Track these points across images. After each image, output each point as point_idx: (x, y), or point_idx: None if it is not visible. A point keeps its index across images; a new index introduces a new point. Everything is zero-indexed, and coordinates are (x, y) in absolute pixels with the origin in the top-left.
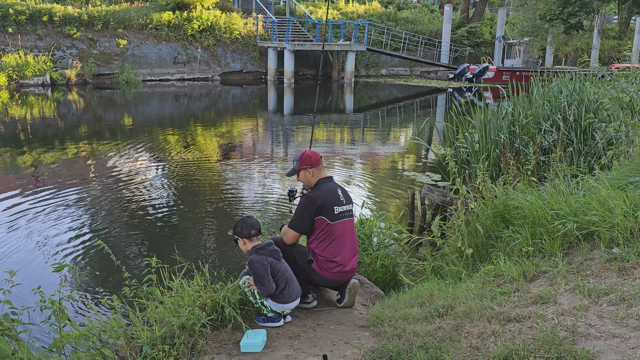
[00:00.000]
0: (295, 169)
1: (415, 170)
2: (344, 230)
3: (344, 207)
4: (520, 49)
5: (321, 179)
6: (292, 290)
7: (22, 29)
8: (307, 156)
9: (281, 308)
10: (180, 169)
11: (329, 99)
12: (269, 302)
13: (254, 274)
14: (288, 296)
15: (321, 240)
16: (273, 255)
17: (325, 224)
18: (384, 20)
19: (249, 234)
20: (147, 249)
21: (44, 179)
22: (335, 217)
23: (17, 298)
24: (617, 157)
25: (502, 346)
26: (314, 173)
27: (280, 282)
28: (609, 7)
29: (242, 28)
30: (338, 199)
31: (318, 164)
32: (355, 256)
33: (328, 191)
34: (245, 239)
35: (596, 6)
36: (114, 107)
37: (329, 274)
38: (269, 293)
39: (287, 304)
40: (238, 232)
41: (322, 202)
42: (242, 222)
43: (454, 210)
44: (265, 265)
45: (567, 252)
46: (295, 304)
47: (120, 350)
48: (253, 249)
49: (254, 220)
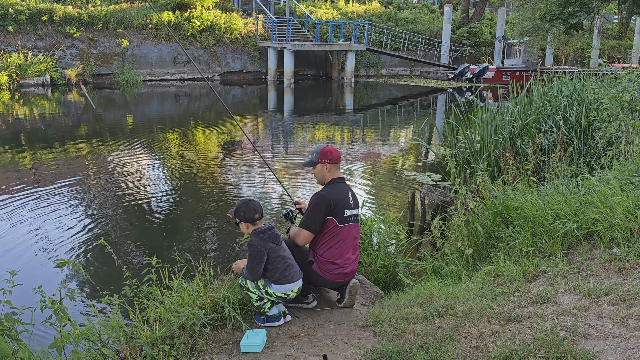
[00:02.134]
0: (313, 160)
1: (415, 170)
2: (349, 233)
3: (352, 211)
4: (520, 49)
5: (335, 178)
6: (293, 271)
7: (22, 29)
8: (328, 151)
9: (284, 290)
10: (180, 169)
11: (329, 99)
12: (272, 287)
13: (249, 256)
14: (290, 277)
15: (326, 241)
16: (273, 239)
17: (333, 225)
18: (384, 20)
19: (252, 218)
20: (147, 248)
21: (43, 179)
22: (343, 220)
23: (18, 298)
24: (617, 157)
25: (502, 346)
26: (331, 169)
27: (280, 265)
28: (609, 7)
29: (242, 28)
30: (348, 202)
31: (337, 162)
32: (356, 259)
33: (340, 192)
34: (248, 223)
35: (596, 6)
36: (114, 107)
37: (329, 275)
38: (254, 279)
39: (289, 284)
40: (241, 216)
41: (335, 202)
42: (245, 206)
43: (454, 210)
44: (262, 252)
45: (567, 252)
46: (297, 285)
47: (120, 350)
48: (254, 232)
49: (256, 204)
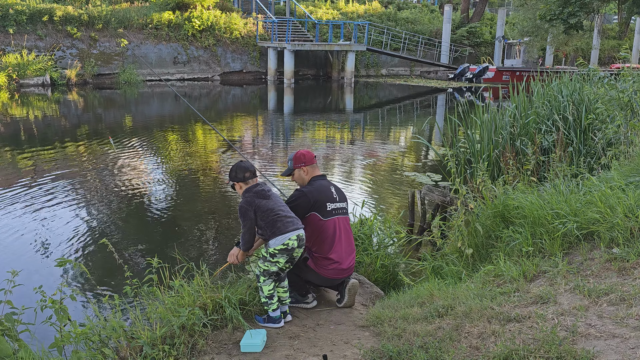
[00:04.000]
0: (290, 168)
1: (415, 170)
2: (337, 227)
3: (337, 204)
4: (520, 49)
5: (314, 177)
6: (286, 221)
7: (22, 29)
8: (301, 154)
9: (281, 240)
10: (180, 169)
11: (329, 99)
12: (270, 246)
13: (239, 217)
14: (283, 228)
15: (315, 237)
16: (258, 195)
17: (317, 219)
18: (384, 20)
19: (243, 176)
20: (147, 248)
21: (43, 179)
22: (327, 213)
23: (18, 297)
24: (617, 157)
25: (502, 346)
26: (308, 171)
27: (269, 217)
28: (609, 7)
29: (242, 28)
30: (331, 196)
31: (312, 162)
32: (352, 254)
33: (320, 187)
34: (241, 182)
35: (596, 6)
36: (114, 107)
37: (324, 271)
38: (245, 249)
39: (285, 234)
40: (233, 176)
41: (315, 198)
42: (236, 167)
43: (454, 210)
44: (247, 210)
45: (567, 252)
46: (295, 233)
47: (121, 350)
48: (243, 192)
49: (247, 163)
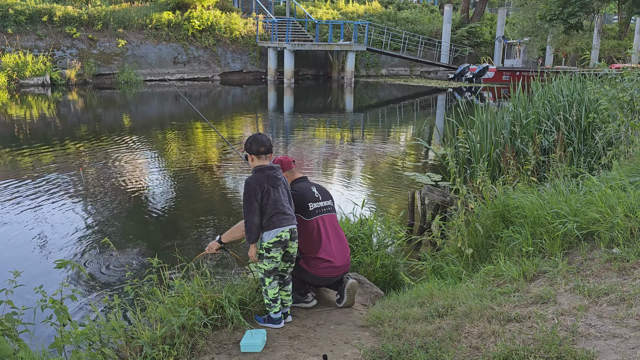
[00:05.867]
0: None
1: (415, 170)
2: (323, 226)
3: (320, 203)
4: (520, 49)
5: (294, 180)
6: (282, 218)
7: (22, 29)
8: (279, 161)
9: (275, 233)
10: (180, 169)
11: (329, 99)
12: (265, 236)
13: (243, 198)
14: (278, 223)
15: (303, 238)
16: (269, 181)
17: (301, 220)
18: (384, 20)
19: (257, 150)
20: (147, 248)
21: (43, 179)
22: (310, 213)
23: (19, 297)
24: (617, 157)
25: (502, 346)
26: (287, 177)
27: (269, 209)
28: (609, 7)
29: (242, 28)
30: (313, 196)
31: (290, 167)
32: (345, 251)
33: (301, 190)
34: (253, 155)
35: (596, 6)
36: (114, 107)
37: (317, 271)
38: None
39: (278, 228)
40: (247, 148)
41: (296, 201)
42: (252, 138)
43: (454, 210)
44: (255, 189)
45: (567, 252)
46: (288, 227)
47: (121, 350)
48: (254, 169)
49: (265, 137)
